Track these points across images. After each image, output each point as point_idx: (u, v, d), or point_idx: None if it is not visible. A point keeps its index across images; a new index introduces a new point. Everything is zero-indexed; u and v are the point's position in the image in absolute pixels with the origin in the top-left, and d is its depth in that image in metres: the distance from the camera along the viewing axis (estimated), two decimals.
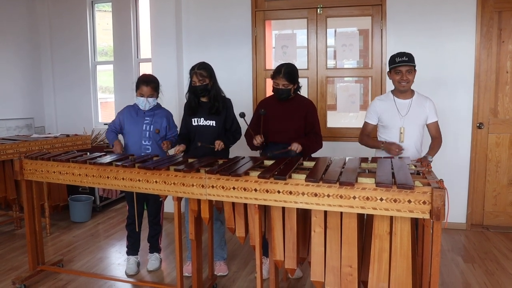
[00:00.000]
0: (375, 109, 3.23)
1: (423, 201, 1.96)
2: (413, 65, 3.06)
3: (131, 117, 3.45)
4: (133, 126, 3.43)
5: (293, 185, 2.22)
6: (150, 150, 3.41)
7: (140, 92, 3.37)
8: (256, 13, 4.75)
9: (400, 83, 3.07)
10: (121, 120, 3.47)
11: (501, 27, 4.27)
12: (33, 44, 6.05)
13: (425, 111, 3.17)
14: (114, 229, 4.58)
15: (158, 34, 4.83)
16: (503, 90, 4.34)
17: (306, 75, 4.63)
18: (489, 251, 3.88)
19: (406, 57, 3.04)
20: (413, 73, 3.09)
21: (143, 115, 3.44)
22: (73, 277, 3.37)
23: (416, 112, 3.14)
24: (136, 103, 3.42)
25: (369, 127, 3.28)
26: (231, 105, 3.39)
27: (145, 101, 3.37)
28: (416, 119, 3.14)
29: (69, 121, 6.14)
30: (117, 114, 3.56)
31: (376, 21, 4.46)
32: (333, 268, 2.24)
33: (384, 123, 3.19)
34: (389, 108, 3.16)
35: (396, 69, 3.06)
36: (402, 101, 3.15)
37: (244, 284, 3.27)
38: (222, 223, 3.44)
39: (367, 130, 3.28)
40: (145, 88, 3.35)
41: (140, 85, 3.37)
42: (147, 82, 3.37)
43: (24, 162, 3.12)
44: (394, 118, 3.13)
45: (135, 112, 3.46)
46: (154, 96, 3.41)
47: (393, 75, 3.10)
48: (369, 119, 3.27)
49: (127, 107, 3.53)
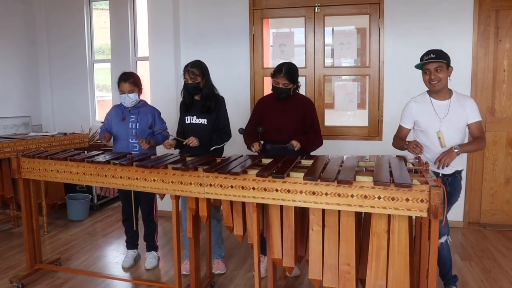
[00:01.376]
0: (411, 112, 2.94)
1: (421, 199, 1.96)
2: (443, 61, 2.76)
3: (117, 116, 3.47)
4: (119, 125, 3.45)
5: (291, 184, 2.22)
6: (137, 148, 3.41)
7: (121, 90, 3.40)
8: (253, 11, 4.74)
9: (430, 83, 2.80)
10: (108, 120, 3.51)
11: (498, 25, 4.28)
12: (30, 42, 6.02)
13: (466, 111, 2.83)
14: (112, 228, 4.57)
15: (156, 32, 4.82)
16: (500, 88, 4.35)
17: (304, 74, 4.62)
18: (486, 249, 3.89)
19: (433, 54, 2.77)
20: (444, 70, 2.78)
21: (128, 113, 3.45)
22: (71, 276, 3.37)
23: (456, 114, 2.82)
24: (121, 102, 3.44)
25: (403, 132, 3.01)
26: (223, 103, 3.35)
27: (126, 97, 3.38)
28: (457, 122, 2.83)
29: (66, 120, 6.13)
30: (106, 115, 3.59)
31: (374, 19, 4.46)
32: (331, 266, 2.24)
33: (421, 127, 2.90)
34: (426, 111, 2.87)
35: (424, 68, 2.82)
36: (440, 102, 2.85)
37: (242, 282, 3.28)
38: (218, 221, 3.44)
39: (401, 134, 3.01)
40: (124, 85, 3.38)
41: (119, 83, 3.41)
42: (125, 79, 3.40)
43: (22, 161, 3.11)
44: (432, 122, 2.84)
45: (121, 111, 3.48)
46: (134, 91, 3.42)
47: (423, 76, 2.85)
48: (404, 123, 3.00)
49: (114, 106, 3.58)
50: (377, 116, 4.55)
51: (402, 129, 3.02)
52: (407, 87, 4.42)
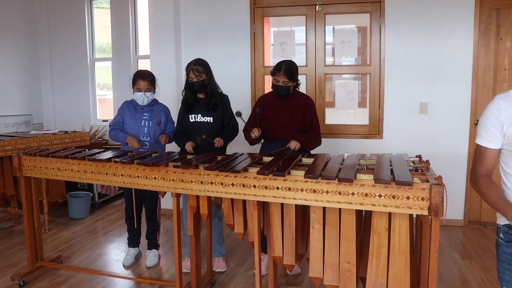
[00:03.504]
0: (499, 119, 1.70)
1: (422, 198, 1.96)
2: None
3: (130, 113, 3.46)
4: (132, 122, 3.44)
5: (292, 182, 2.22)
6: (148, 146, 3.42)
7: (137, 87, 3.38)
8: (254, 9, 4.74)
9: None
10: (122, 115, 3.47)
11: (500, 24, 4.27)
12: (31, 41, 6.03)
13: None
14: (113, 226, 4.58)
15: (157, 30, 4.83)
16: (501, 87, 4.35)
17: (304, 72, 4.63)
18: (486, 248, 3.90)
19: None
20: None
21: (141, 110, 3.44)
22: (72, 273, 3.38)
23: None
24: (134, 98, 3.43)
25: (489, 156, 1.78)
26: (228, 101, 3.39)
27: (143, 96, 3.38)
28: None
29: (67, 118, 6.14)
30: (118, 110, 3.56)
31: (375, 18, 4.46)
32: (332, 264, 2.25)
33: None
34: None
35: None
36: None
37: (243, 280, 3.28)
38: (219, 219, 3.45)
39: (487, 161, 1.80)
40: (142, 83, 3.37)
41: (137, 80, 3.38)
42: (143, 77, 3.39)
43: (23, 159, 3.11)
44: None
45: (133, 108, 3.46)
46: (151, 90, 3.42)
47: None
48: (487, 140, 1.75)
49: (126, 102, 3.53)
50: (378, 115, 4.55)
51: (487, 153, 1.77)
52: (408, 85, 4.45)
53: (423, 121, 4.46)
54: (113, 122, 3.49)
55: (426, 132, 4.46)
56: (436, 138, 4.43)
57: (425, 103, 4.42)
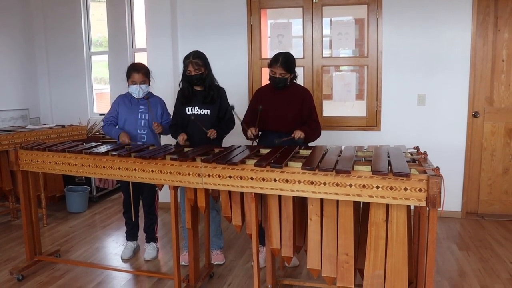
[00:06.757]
0: None
1: (419, 189, 1.96)
2: None
3: (126, 106, 3.45)
4: (128, 115, 3.43)
5: (289, 173, 2.22)
6: (145, 139, 3.41)
7: (132, 80, 3.37)
8: (251, 2, 4.72)
9: None
10: (117, 110, 3.46)
11: (498, 15, 4.26)
12: (27, 35, 5.98)
13: None
14: (111, 219, 4.58)
15: (153, 23, 4.80)
16: (498, 78, 4.34)
17: (302, 64, 4.61)
18: (483, 239, 3.91)
19: None
20: None
21: (137, 103, 3.43)
22: (70, 267, 3.38)
23: None
24: (129, 91, 3.42)
25: None
26: (225, 94, 3.38)
27: (138, 88, 3.37)
28: None
29: (64, 112, 6.12)
30: (111, 105, 3.54)
31: (372, 9, 4.44)
32: (330, 256, 2.25)
33: None
34: None
35: None
36: None
37: (241, 272, 3.29)
38: (218, 212, 3.45)
39: None
40: (137, 75, 3.36)
41: (131, 73, 3.37)
42: (137, 70, 3.38)
43: (20, 153, 3.10)
44: None
45: (128, 101, 3.45)
46: (146, 82, 3.41)
47: None
48: None
49: (120, 96, 3.52)
50: (376, 107, 4.55)
51: None
52: (405, 77, 4.44)
53: (421, 113, 4.45)
54: (106, 118, 3.49)
55: (424, 123, 4.45)
56: (433, 130, 4.43)
57: (422, 94, 4.42)
